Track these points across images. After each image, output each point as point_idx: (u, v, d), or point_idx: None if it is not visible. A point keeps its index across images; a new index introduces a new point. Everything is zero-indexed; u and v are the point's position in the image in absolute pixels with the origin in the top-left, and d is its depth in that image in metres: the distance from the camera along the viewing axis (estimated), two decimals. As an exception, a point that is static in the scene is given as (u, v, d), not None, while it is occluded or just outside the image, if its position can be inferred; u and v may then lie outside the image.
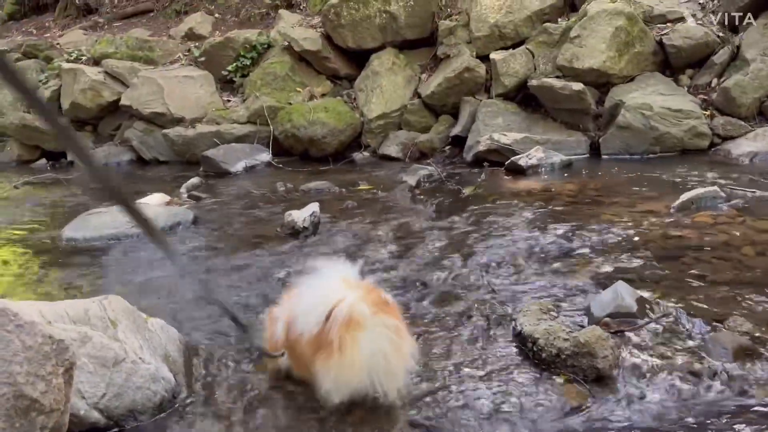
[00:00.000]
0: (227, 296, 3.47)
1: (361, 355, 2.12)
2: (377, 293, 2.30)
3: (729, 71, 6.51)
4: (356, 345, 2.11)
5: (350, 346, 2.10)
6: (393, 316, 2.24)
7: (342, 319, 2.09)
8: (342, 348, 2.10)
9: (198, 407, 2.49)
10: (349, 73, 8.13)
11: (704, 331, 2.76)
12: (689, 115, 6.23)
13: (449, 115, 7.39)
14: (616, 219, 4.38)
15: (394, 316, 2.25)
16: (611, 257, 3.71)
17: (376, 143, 7.53)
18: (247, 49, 8.41)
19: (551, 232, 4.23)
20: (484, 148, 6.49)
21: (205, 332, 3.11)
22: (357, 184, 6.15)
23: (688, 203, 4.55)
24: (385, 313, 2.20)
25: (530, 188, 5.53)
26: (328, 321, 2.11)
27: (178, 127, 7.93)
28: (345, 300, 2.13)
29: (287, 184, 6.25)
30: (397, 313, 2.30)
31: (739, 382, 2.38)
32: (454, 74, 7.13)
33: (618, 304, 2.95)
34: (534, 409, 2.34)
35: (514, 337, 2.82)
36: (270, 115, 7.66)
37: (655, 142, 6.27)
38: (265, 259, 4.11)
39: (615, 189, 5.27)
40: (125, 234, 4.77)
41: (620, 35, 6.62)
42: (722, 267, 3.46)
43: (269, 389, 2.57)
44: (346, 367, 2.12)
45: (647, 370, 2.49)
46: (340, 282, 2.24)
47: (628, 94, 6.51)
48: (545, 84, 6.72)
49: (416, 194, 5.67)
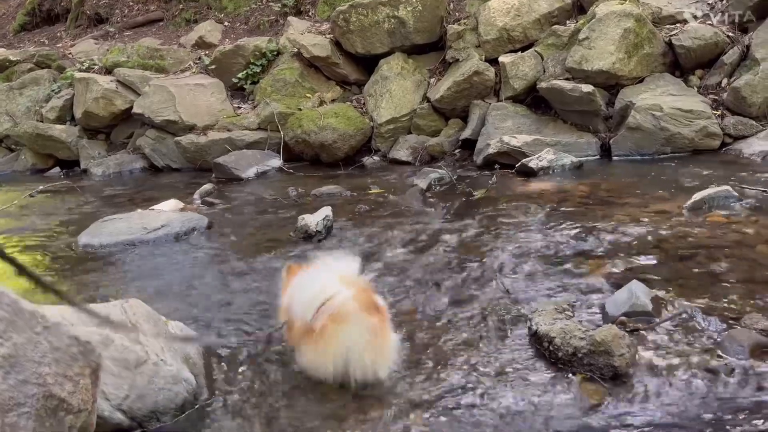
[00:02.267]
0: (244, 300, 3.51)
1: (337, 346, 2.38)
2: (369, 293, 2.52)
3: (739, 71, 6.49)
4: (336, 336, 2.36)
5: (330, 335, 2.36)
6: (377, 316, 2.45)
7: (331, 311, 2.34)
8: (323, 335, 2.36)
9: (219, 408, 2.53)
10: (359, 79, 8.18)
11: (720, 328, 2.77)
12: (700, 115, 6.22)
13: (459, 118, 7.41)
14: (629, 219, 4.39)
15: (379, 317, 2.46)
16: (625, 257, 3.71)
17: (386, 147, 7.57)
18: (256, 56, 8.48)
19: (564, 233, 4.25)
20: (494, 150, 6.50)
21: (224, 334, 3.15)
22: (368, 188, 6.18)
23: (700, 203, 4.55)
24: (370, 313, 2.42)
25: (541, 190, 5.53)
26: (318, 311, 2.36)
27: (190, 135, 8.00)
28: (338, 295, 2.37)
29: (299, 189, 6.29)
30: (383, 314, 2.51)
31: (756, 378, 2.39)
32: (463, 78, 7.16)
33: (633, 303, 2.96)
34: (551, 407, 2.35)
35: (530, 336, 2.84)
36: (280, 121, 7.72)
37: (665, 143, 6.26)
38: (280, 263, 4.13)
39: (627, 190, 5.27)
40: (141, 240, 4.82)
41: (629, 37, 6.63)
42: (736, 266, 3.46)
43: (289, 391, 2.60)
44: (321, 353, 2.41)
45: (664, 368, 2.51)
46: (338, 278, 2.47)
47: (638, 95, 6.50)
48: (555, 86, 6.73)
49: (427, 197, 5.70)
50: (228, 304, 3.53)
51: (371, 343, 2.40)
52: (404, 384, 2.57)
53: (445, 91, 7.28)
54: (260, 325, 3.21)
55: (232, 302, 3.55)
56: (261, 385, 2.66)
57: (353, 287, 2.44)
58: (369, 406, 2.45)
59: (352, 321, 2.37)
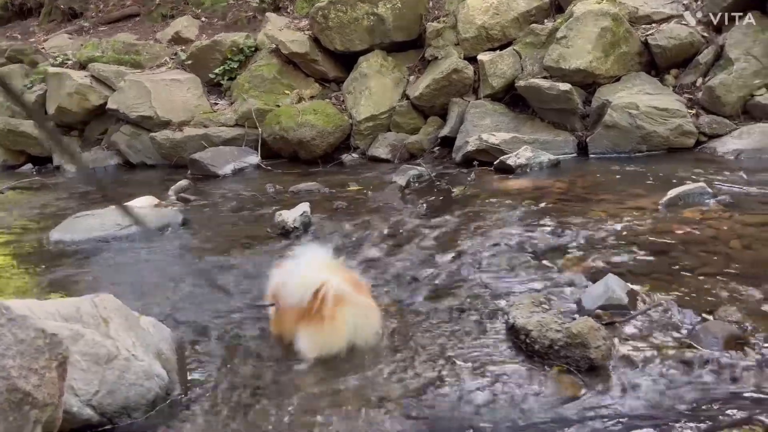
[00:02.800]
0: (218, 294, 3.46)
1: (345, 325, 2.65)
2: (353, 275, 2.89)
3: (714, 71, 6.58)
4: (342, 317, 2.63)
5: (338, 318, 2.61)
6: (366, 295, 2.81)
7: (331, 297, 2.57)
8: (332, 319, 2.59)
9: (191, 404, 2.48)
10: (338, 76, 8.13)
11: (695, 321, 2.79)
12: (675, 113, 6.29)
13: (438, 116, 7.41)
14: (605, 215, 4.41)
15: (367, 295, 2.83)
16: (601, 252, 3.73)
17: (365, 145, 7.54)
18: (234, 52, 8.39)
19: (541, 229, 4.26)
20: (473, 148, 6.51)
21: (198, 330, 3.09)
22: (347, 185, 6.15)
23: (675, 199, 4.60)
24: (361, 293, 2.75)
25: (519, 187, 5.55)
26: (316, 297, 2.58)
27: (166, 131, 7.89)
28: (331, 281, 2.60)
29: (276, 185, 6.24)
30: (368, 292, 2.88)
31: (730, 369, 2.40)
32: (442, 75, 7.16)
33: (609, 296, 2.98)
34: (527, 399, 2.35)
35: (507, 330, 2.84)
36: (258, 117, 7.65)
37: (641, 141, 6.32)
38: (256, 259, 4.09)
39: (603, 187, 5.31)
40: (114, 236, 4.74)
41: (606, 36, 6.68)
42: (711, 260, 3.49)
43: (262, 386, 2.56)
44: (332, 334, 2.64)
45: (640, 360, 2.52)
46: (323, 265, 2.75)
47: (615, 94, 6.56)
48: (533, 84, 6.77)
49: (406, 194, 5.68)
50: (202, 300, 3.47)
51: (368, 317, 2.75)
52: (382, 377, 2.55)
53: (424, 88, 7.27)
54: (234, 320, 3.16)
55: (206, 297, 3.49)
56: (235, 380, 2.61)
57: (339, 271, 2.76)
58: (345, 399, 2.42)
59: (353, 301, 2.66)
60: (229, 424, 2.34)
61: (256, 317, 3.16)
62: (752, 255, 3.53)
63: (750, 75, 6.30)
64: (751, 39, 6.47)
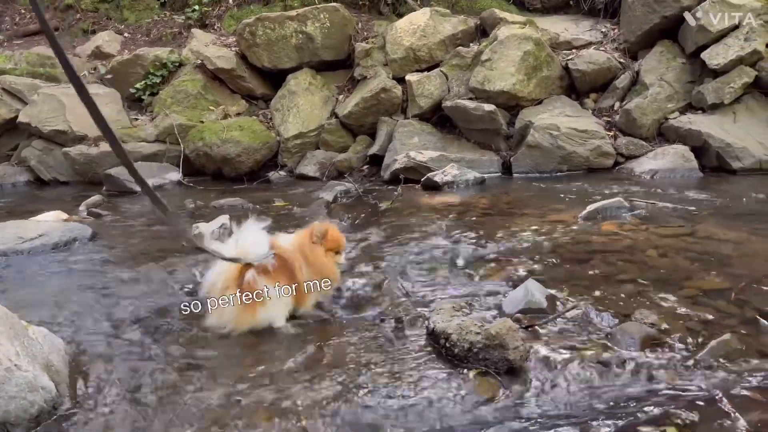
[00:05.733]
0: (123, 307, 3.22)
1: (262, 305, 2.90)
2: (288, 251, 3.07)
3: (630, 95, 6.88)
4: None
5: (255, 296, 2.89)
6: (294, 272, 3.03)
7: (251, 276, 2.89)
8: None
9: (80, 419, 2.24)
10: (265, 93, 7.99)
11: (612, 323, 2.79)
12: (594, 135, 6.51)
13: (366, 135, 7.39)
14: (527, 228, 4.45)
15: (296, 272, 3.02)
16: (522, 261, 3.73)
17: (293, 163, 7.40)
18: (157, 66, 8.12)
19: (465, 241, 4.24)
20: (401, 165, 6.50)
21: (95, 343, 2.84)
22: (272, 201, 5.98)
23: (594, 213, 4.70)
24: (285, 272, 3.00)
25: (445, 202, 5.55)
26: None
27: (81, 146, 7.48)
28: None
29: (197, 201, 5.99)
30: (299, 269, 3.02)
31: (647, 369, 2.40)
32: (370, 94, 7.16)
33: (529, 300, 2.95)
34: (445, 402, 2.25)
35: (427, 335, 2.75)
36: (180, 133, 7.38)
37: (562, 161, 6.50)
38: (166, 271, 3.86)
39: (526, 203, 5.38)
40: (14, 250, 4.37)
41: (528, 59, 6.88)
42: (628, 267, 3.55)
43: (158, 402, 2.34)
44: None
45: (558, 361, 2.47)
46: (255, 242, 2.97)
47: (537, 116, 6.74)
48: (459, 105, 6.86)
49: (333, 208, 5.57)
50: (102, 312, 3.21)
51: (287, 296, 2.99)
52: (296, 385, 2.39)
53: (353, 107, 7.24)
54: (134, 332, 2.94)
55: (109, 310, 3.23)
56: (128, 396, 2.39)
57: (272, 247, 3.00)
58: (251, 408, 2.25)
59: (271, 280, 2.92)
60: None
61: (157, 327, 2.95)
62: (667, 262, 3.62)
63: (664, 99, 6.62)
64: (664, 66, 6.82)
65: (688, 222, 4.49)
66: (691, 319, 2.79)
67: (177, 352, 2.74)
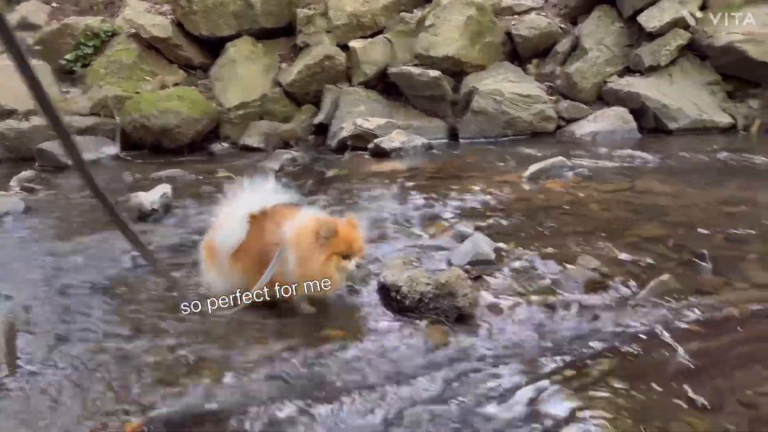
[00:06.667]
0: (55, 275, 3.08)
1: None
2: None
3: (571, 60, 7.00)
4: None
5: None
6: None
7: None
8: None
9: (16, 387, 2.13)
10: (204, 62, 7.74)
11: (557, 270, 2.85)
12: (537, 99, 6.60)
13: (312, 103, 7.27)
14: (475, 189, 4.49)
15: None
16: (470, 219, 3.76)
17: (236, 134, 7.22)
18: (88, 36, 7.73)
19: (415, 202, 4.25)
20: (348, 133, 6.43)
21: (33, 312, 2.71)
22: (215, 172, 5.82)
23: (538, 173, 4.78)
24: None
25: (394, 168, 5.53)
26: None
27: (10, 120, 7.08)
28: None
29: (136, 174, 5.78)
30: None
31: (590, 309, 2.46)
32: (314, 62, 7.03)
33: (477, 253, 2.98)
34: (398, 351, 2.25)
35: (378, 290, 2.73)
36: (116, 105, 7.07)
37: (507, 126, 6.57)
38: (102, 242, 3.71)
39: (473, 166, 5.43)
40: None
41: (472, 25, 6.88)
42: (571, 221, 3.63)
43: (99, 365, 2.26)
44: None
45: (506, 307, 2.51)
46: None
47: (481, 81, 6.77)
48: (404, 71, 6.82)
49: (279, 177, 5.46)
50: (41, 281, 3.07)
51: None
52: (250, 340, 2.35)
53: (296, 74, 7.10)
54: (71, 300, 2.82)
55: (46, 279, 3.10)
56: (69, 360, 2.28)
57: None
58: (205, 366, 2.19)
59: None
60: (55, 408, 2.03)
61: (99, 295, 2.85)
62: (608, 215, 3.72)
63: (603, 63, 6.76)
64: (603, 30, 6.95)
65: (628, 179, 4.63)
66: (632, 264, 2.88)
67: (120, 318, 2.65)
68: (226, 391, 2.05)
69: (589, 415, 1.79)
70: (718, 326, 2.24)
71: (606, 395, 1.88)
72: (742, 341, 2.13)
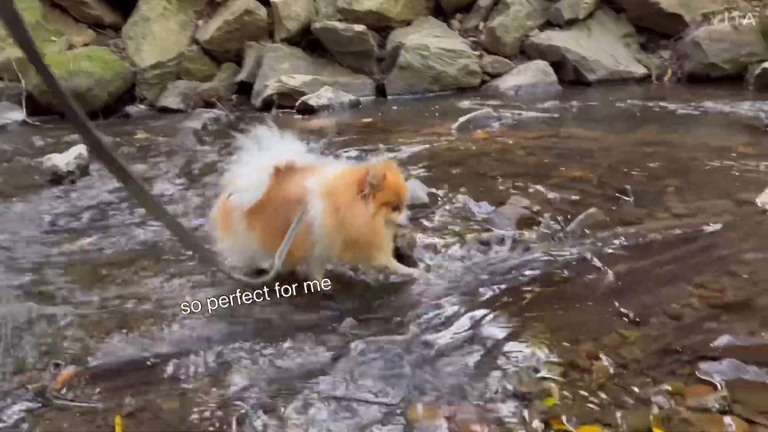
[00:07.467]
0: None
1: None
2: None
3: (493, 14, 7.04)
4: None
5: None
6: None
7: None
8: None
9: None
10: (115, 21, 7.29)
11: (489, 210, 2.90)
12: (461, 54, 6.63)
13: (233, 62, 7.02)
14: (405, 141, 4.49)
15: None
16: (403, 167, 3.73)
17: (153, 95, 6.88)
18: (-18, -7, 7.10)
19: (346, 155, 4.20)
20: (272, 91, 6.27)
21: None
22: (134, 134, 5.55)
23: (466, 124, 4.84)
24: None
25: (323, 124, 5.46)
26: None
27: None
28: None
29: (47, 139, 5.43)
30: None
31: (523, 243, 2.52)
32: (233, 17, 6.77)
33: (412, 197, 2.97)
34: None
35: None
36: (20, 68, 6.57)
37: (433, 81, 6.58)
38: (16, 208, 3.49)
39: (401, 120, 5.44)
40: None
41: (394, -21, 6.80)
42: (500, 166, 3.70)
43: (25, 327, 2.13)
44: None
45: (442, 246, 2.54)
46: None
47: (407, 37, 6.73)
48: (328, 26, 6.68)
49: (202, 136, 5.29)
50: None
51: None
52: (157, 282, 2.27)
53: (215, 31, 6.82)
54: None
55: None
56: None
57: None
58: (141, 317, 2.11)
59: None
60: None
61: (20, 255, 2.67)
62: (535, 159, 3.81)
63: (524, 17, 6.85)
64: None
65: (551, 127, 4.76)
66: (560, 201, 2.97)
67: (44, 279, 2.51)
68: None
69: (527, 334, 1.84)
70: (643, 250, 2.35)
71: (542, 315, 1.94)
72: (666, 262, 2.24)
